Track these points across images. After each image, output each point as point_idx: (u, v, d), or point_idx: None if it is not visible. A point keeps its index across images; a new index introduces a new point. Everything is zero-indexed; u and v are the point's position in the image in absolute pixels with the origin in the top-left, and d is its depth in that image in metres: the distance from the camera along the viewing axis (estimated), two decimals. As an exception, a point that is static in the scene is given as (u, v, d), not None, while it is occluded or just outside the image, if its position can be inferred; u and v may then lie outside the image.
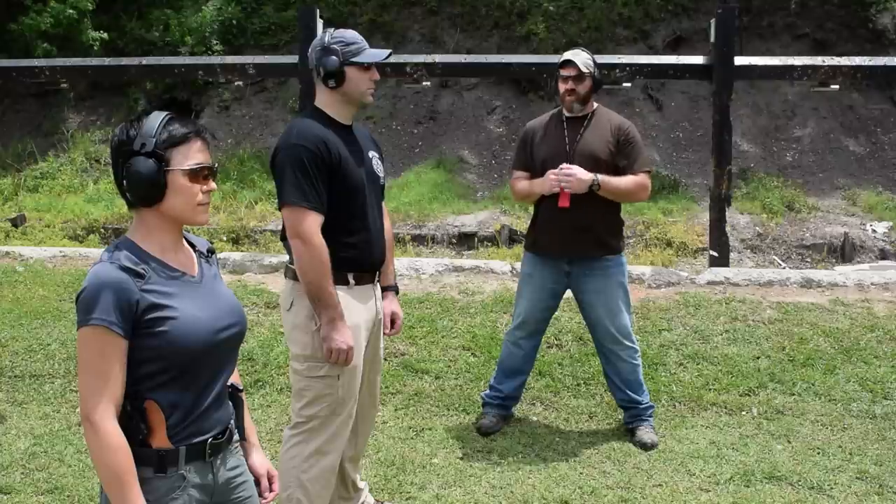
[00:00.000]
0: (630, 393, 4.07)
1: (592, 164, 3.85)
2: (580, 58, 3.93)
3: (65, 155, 11.44)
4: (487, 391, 4.26)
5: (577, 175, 3.78)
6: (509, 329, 4.23)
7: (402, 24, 12.15)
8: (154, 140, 1.81)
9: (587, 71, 3.91)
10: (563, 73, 3.94)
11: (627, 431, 4.09)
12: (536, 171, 3.98)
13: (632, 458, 3.85)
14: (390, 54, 3.02)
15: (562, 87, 3.95)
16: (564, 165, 3.82)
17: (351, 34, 2.93)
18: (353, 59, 2.88)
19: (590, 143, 3.92)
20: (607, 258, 3.96)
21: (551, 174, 3.83)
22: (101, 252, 1.86)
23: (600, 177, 3.81)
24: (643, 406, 4.08)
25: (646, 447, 3.94)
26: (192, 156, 1.86)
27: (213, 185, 1.90)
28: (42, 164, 11.20)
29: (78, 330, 1.78)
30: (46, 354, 4.86)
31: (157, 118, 1.84)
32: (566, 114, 4.01)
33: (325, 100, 2.96)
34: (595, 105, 4.04)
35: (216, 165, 1.92)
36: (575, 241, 3.90)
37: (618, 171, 3.90)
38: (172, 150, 1.83)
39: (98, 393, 1.74)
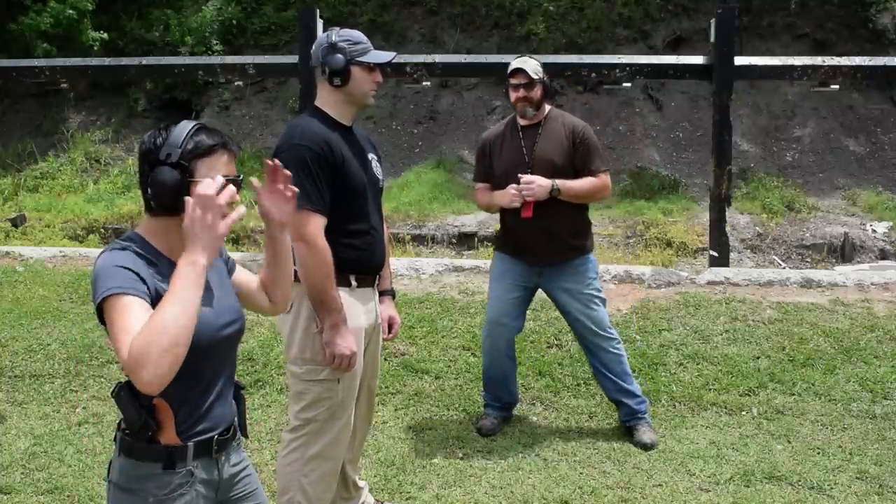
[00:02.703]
0: (620, 383, 4.06)
1: (551, 170, 3.89)
2: (529, 65, 3.95)
3: (65, 155, 11.44)
4: (486, 396, 4.24)
5: (537, 182, 3.83)
6: (485, 333, 4.16)
7: (402, 24, 12.16)
8: (180, 150, 1.82)
9: (537, 77, 3.94)
10: (514, 81, 3.96)
11: (625, 430, 4.09)
12: (498, 183, 4.00)
13: (632, 458, 3.85)
14: (394, 57, 3.00)
15: (513, 94, 3.97)
16: (524, 177, 3.85)
17: (357, 34, 2.92)
18: (359, 59, 2.87)
19: (546, 150, 3.95)
20: (577, 258, 4.00)
21: (511, 189, 3.87)
22: (111, 243, 1.87)
23: (558, 182, 3.85)
24: (637, 400, 4.08)
25: (646, 447, 3.93)
26: (217, 168, 1.87)
27: (236, 196, 1.91)
28: (42, 164, 11.20)
29: (96, 309, 1.75)
30: (46, 354, 4.86)
31: (184, 128, 1.85)
32: (521, 122, 4.04)
33: (327, 99, 2.94)
34: (548, 108, 4.06)
35: (241, 177, 1.93)
36: (544, 248, 3.94)
37: (577, 174, 3.94)
38: (197, 162, 1.84)
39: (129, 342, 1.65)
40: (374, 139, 3.25)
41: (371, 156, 3.03)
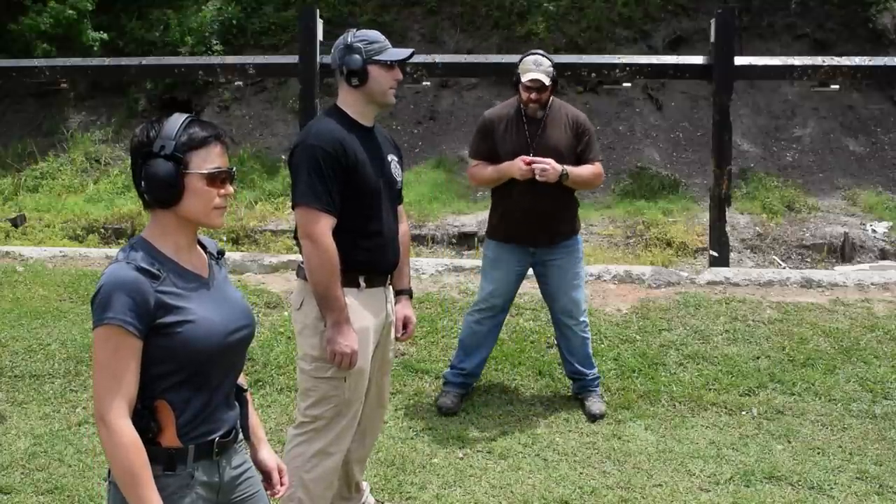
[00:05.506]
0: (577, 365, 4.30)
1: (554, 157, 4.04)
2: (543, 68, 4.07)
3: (65, 155, 11.43)
4: (449, 370, 4.37)
5: (553, 166, 3.98)
6: (471, 309, 4.37)
7: (402, 24, 12.15)
8: (174, 143, 1.83)
9: (549, 82, 4.08)
10: (529, 84, 4.08)
11: (577, 401, 4.33)
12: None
13: (632, 458, 3.85)
14: (413, 54, 3.01)
15: (525, 95, 4.11)
16: (538, 159, 3.99)
17: (374, 34, 2.95)
18: (376, 58, 2.89)
19: (551, 137, 4.12)
20: (569, 239, 4.21)
21: (523, 159, 4.00)
22: (117, 252, 1.87)
23: (568, 168, 4.04)
24: (590, 378, 4.31)
25: (594, 417, 4.17)
26: (211, 160, 1.87)
27: (230, 189, 1.92)
28: (42, 164, 11.18)
29: (93, 330, 1.79)
30: (46, 354, 4.85)
31: (177, 120, 1.86)
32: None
33: (347, 100, 2.96)
34: (551, 99, 4.20)
35: (234, 170, 1.94)
36: (539, 231, 4.12)
37: (578, 161, 4.13)
38: (191, 154, 1.85)
39: (112, 392, 1.76)
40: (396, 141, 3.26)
41: (391, 157, 3.05)
